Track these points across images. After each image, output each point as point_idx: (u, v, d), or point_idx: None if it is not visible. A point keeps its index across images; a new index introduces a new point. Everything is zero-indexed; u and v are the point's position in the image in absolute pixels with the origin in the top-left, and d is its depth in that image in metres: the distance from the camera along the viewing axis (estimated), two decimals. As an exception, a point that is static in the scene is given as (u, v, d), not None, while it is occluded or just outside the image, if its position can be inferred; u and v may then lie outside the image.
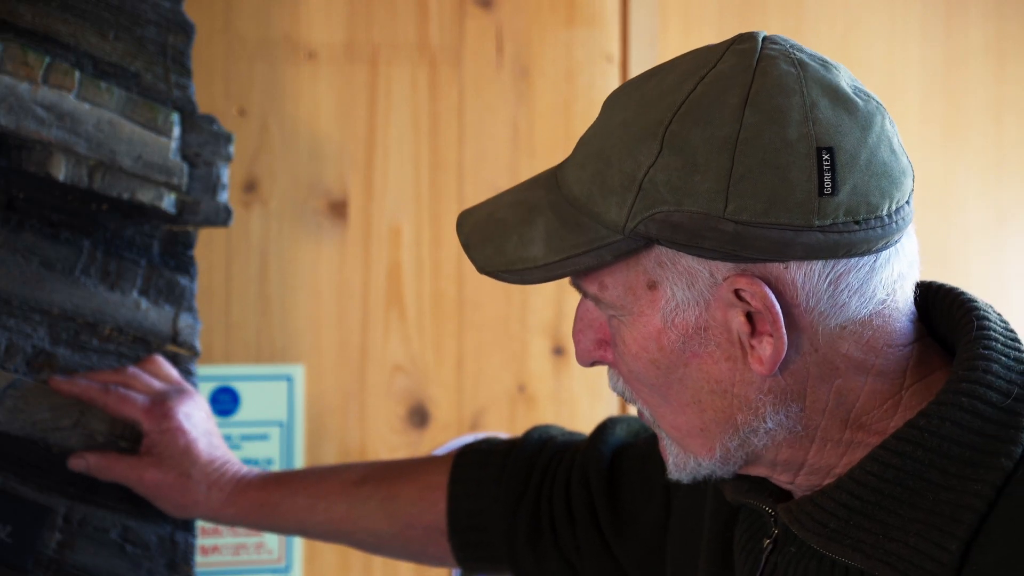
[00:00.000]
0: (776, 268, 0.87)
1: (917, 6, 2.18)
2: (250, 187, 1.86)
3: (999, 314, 0.95)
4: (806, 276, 0.87)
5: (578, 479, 1.27)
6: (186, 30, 1.46)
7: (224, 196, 1.48)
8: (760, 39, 0.90)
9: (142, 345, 1.44)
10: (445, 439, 1.94)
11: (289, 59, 1.88)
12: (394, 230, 1.93)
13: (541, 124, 1.98)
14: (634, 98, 0.91)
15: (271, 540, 1.86)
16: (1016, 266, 2.21)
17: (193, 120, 1.46)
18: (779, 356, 0.88)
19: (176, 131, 1.44)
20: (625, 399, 0.98)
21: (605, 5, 2.01)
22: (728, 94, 0.87)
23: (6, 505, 1.37)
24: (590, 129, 0.94)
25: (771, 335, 0.88)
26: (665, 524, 1.19)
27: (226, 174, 1.48)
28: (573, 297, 1.99)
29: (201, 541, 1.78)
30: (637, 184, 0.87)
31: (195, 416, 1.40)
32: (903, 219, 0.90)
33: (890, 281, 0.90)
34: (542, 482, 1.30)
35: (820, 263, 0.87)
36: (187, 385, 1.43)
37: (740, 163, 0.85)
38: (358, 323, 1.91)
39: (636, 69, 1.99)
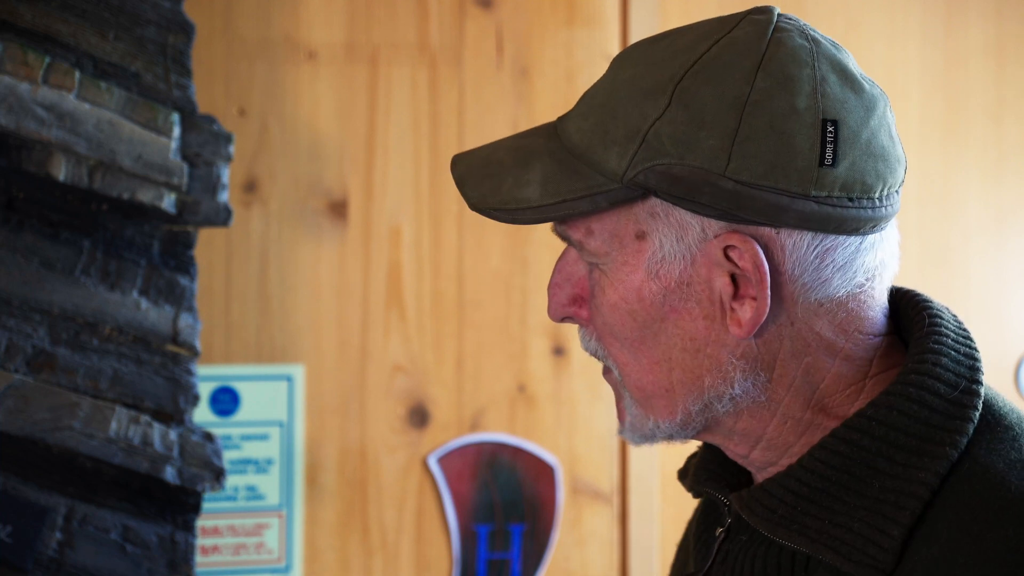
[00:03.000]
0: (768, 232, 0.89)
1: (917, 6, 2.18)
2: (250, 187, 1.86)
3: (954, 315, 0.98)
4: (795, 245, 0.89)
5: None
6: (186, 30, 1.46)
7: (224, 196, 1.48)
8: (776, 13, 0.93)
9: (142, 345, 1.44)
10: (445, 439, 1.94)
11: (289, 59, 1.88)
12: (394, 230, 1.93)
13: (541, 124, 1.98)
14: (644, 56, 0.93)
15: (271, 540, 1.86)
16: (1016, 266, 2.21)
17: (193, 120, 1.46)
18: (759, 319, 0.89)
19: (176, 131, 1.44)
20: (597, 358, 0.99)
21: (605, 5, 2.01)
22: (742, 58, 0.89)
23: (6, 505, 1.37)
24: (595, 84, 0.96)
25: (753, 298, 0.89)
26: None
27: (226, 174, 1.48)
28: (573, 297, 1.99)
29: (201, 541, 1.78)
30: (641, 135, 0.89)
31: None
32: (892, 206, 0.92)
33: (871, 266, 0.92)
34: None
35: (810, 235, 0.89)
36: None
37: (747, 124, 0.87)
38: (358, 323, 1.91)
39: (636, 69, 1.99)
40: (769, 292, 0.89)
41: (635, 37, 2.01)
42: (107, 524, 1.41)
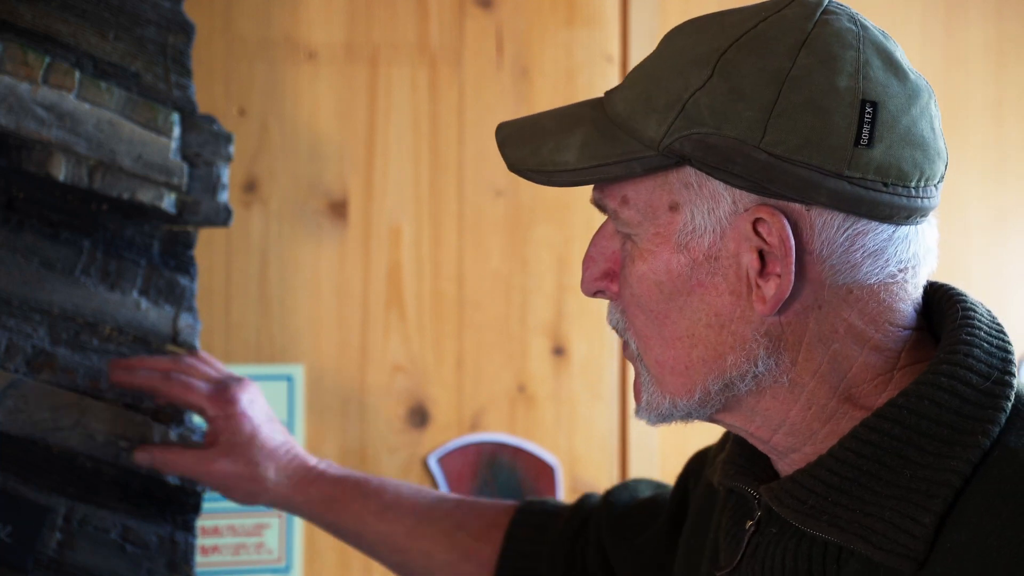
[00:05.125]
0: (798, 209, 0.89)
1: (917, 6, 2.18)
2: (250, 187, 1.86)
3: (988, 309, 0.98)
4: (825, 224, 0.89)
5: (594, 522, 1.31)
6: (186, 30, 1.46)
7: (224, 196, 1.48)
8: None
9: (142, 345, 1.44)
10: (445, 439, 1.94)
11: (289, 59, 1.88)
12: (394, 230, 1.93)
13: (541, 124, 1.98)
14: (694, 30, 0.94)
15: (271, 540, 1.86)
16: (1016, 265, 2.20)
17: (193, 120, 1.46)
18: (782, 295, 0.89)
19: (176, 131, 1.44)
20: (618, 332, 0.99)
21: (605, 5, 2.01)
22: (787, 34, 0.90)
23: (6, 505, 1.37)
24: (646, 58, 0.97)
25: (779, 274, 0.89)
26: (667, 547, 1.21)
27: (226, 174, 1.48)
28: (573, 298, 2.00)
29: (201, 541, 1.78)
30: (681, 104, 0.89)
31: (257, 402, 1.41)
32: (929, 199, 0.93)
33: (905, 258, 0.92)
34: (581, 527, 1.33)
35: (841, 216, 0.89)
36: (240, 375, 1.44)
37: (785, 98, 0.87)
38: (358, 323, 1.91)
39: (636, 69, 1.99)
40: (793, 268, 0.89)
41: (635, 37, 2.01)
42: (107, 524, 1.41)
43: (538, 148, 0.95)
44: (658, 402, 0.96)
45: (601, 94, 0.99)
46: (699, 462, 1.22)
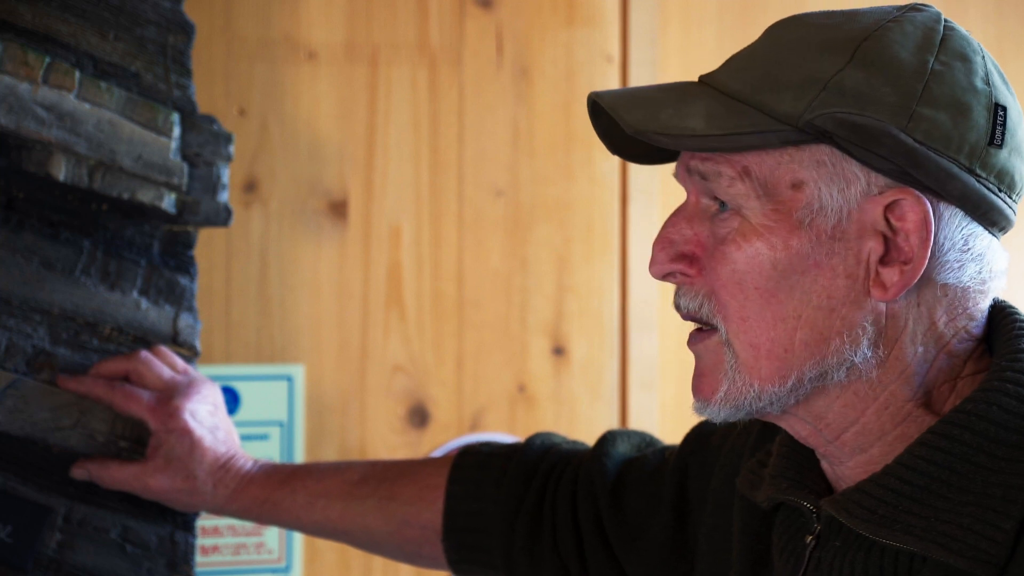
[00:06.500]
0: (931, 199, 0.89)
1: (917, 6, 2.18)
2: (250, 187, 1.86)
3: None
4: (950, 219, 0.90)
5: (584, 492, 1.28)
6: (186, 30, 1.46)
7: (224, 196, 1.48)
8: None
9: (142, 345, 1.44)
10: (445, 439, 1.94)
11: (289, 59, 1.88)
12: (394, 230, 1.93)
13: (541, 124, 1.98)
14: (813, 22, 0.94)
15: (271, 540, 1.86)
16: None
17: (193, 120, 1.46)
18: (909, 282, 0.89)
19: (176, 131, 1.44)
20: (697, 318, 0.96)
21: (605, 5, 2.01)
22: (924, 32, 0.91)
23: (6, 505, 1.37)
24: (748, 47, 0.96)
25: (903, 263, 0.89)
26: (673, 540, 1.20)
27: (226, 174, 1.48)
28: (573, 298, 1.99)
29: (201, 541, 1.78)
30: (821, 84, 0.89)
31: (201, 412, 1.40)
32: (1015, 214, 0.93)
33: (995, 268, 0.93)
34: (544, 488, 1.31)
35: (962, 213, 0.90)
36: (196, 374, 1.44)
37: (930, 89, 0.88)
38: (358, 323, 1.91)
39: (636, 69, 1.99)
40: (928, 255, 0.89)
41: (635, 37, 2.01)
42: (107, 524, 1.41)
43: (655, 113, 0.93)
44: (741, 391, 0.93)
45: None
46: (698, 443, 1.20)
